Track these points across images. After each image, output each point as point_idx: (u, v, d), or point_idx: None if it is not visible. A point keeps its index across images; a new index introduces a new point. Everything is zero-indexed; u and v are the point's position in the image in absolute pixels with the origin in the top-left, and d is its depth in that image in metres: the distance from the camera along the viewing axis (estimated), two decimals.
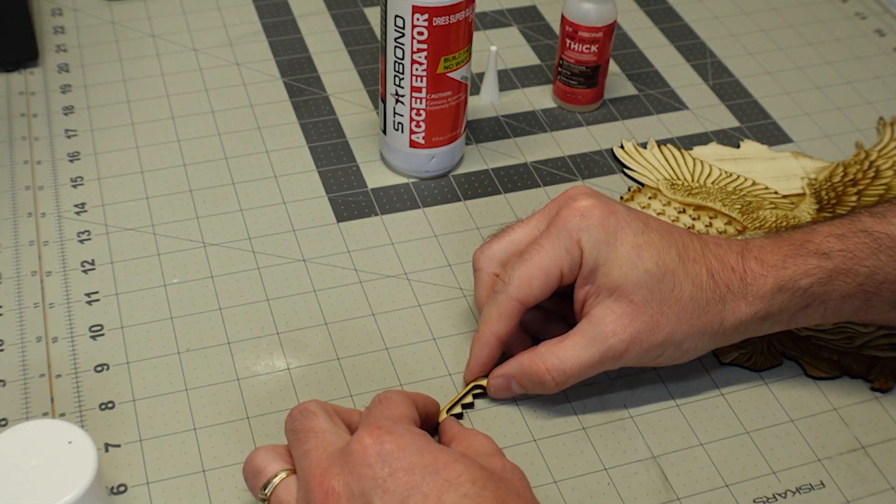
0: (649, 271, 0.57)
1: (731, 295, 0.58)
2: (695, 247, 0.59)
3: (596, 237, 0.58)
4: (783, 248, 0.59)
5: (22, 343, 0.63)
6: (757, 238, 0.61)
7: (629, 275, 0.57)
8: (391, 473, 0.47)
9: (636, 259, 0.57)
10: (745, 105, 0.84)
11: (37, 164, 0.75)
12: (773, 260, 0.59)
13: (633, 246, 0.58)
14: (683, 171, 0.77)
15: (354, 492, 0.47)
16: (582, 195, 0.59)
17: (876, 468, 0.59)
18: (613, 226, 0.58)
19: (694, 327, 0.58)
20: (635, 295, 0.57)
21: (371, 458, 0.48)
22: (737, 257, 0.59)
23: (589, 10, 0.77)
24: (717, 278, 0.58)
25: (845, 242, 0.59)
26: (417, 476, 0.47)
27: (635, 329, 0.57)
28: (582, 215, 0.58)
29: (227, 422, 0.60)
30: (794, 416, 0.61)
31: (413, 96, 0.71)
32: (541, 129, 0.81)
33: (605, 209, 0.58)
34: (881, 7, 0.96)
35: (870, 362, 0.64)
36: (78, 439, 0.50)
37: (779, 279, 0.58)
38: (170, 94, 0.82)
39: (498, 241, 0.62)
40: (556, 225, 0.59)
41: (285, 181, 0.75)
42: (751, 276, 0.58)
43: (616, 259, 0.57)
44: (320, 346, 0.64)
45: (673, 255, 0.58)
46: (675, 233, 0.59)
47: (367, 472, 0.47)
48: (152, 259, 0.69)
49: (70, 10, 0.90)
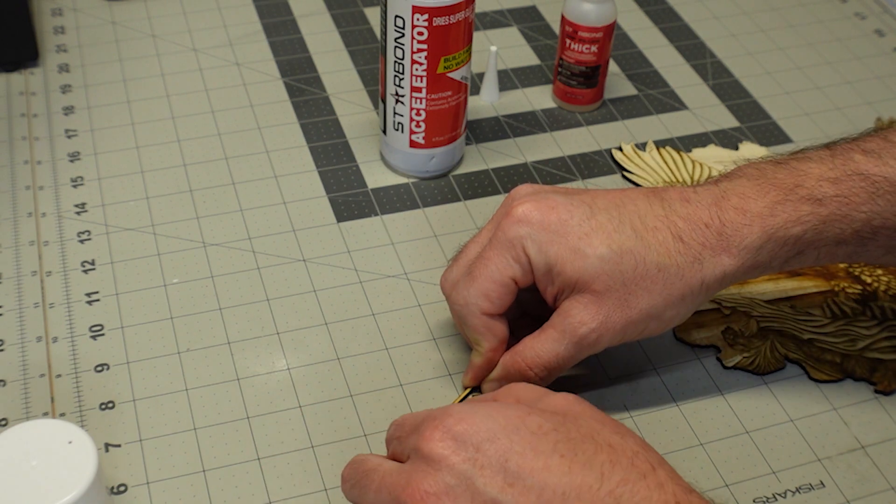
0: (603, 257, 0.55)
1: (708, 252, 0.55)
2: (655, 212, 0.56)
3: (539, 240, 0.56)
4: (770, 194, 0.56)
5: (22, 343, 0.63)
6: (736, 181, 0.57)
7: (583, 267, 0.55)
8: (477, 449, 0.46)
9: (586, 249, 0.55)
10: (745, 105, 0.85)
11: (37, 165, 0.75)
12: (757, 208, 0.56)
13: (580, 236, 0.55)
14: (682, 173, 0.77)
15: (452, 484, 0.45)
16: (520, 199, 0.57)
17: (876, 468, 0.59)
18: (555, 223, 0.56)
19: (671, 296, 0.56)
20: (596, 283, 0.55)
21: (450, 448, 0.46)
22: (710, 211, 0.56)
23: (589, 10, 0.77)
24: (686, 240, 0.56)
25: (840, 187, 0.56)
26: (503, 440, 0.46)
27: (604, 315, 0.56)
28: (520, 222, 0.56)
29: (227, 422, 0.60)
30: (794, 416, 0.61)
31: (413, 96, 0.71)
32: (541, 129, 0.81)
33: (543, 208, 0.56)
34: (881, 7, 0.97)
35: (873, 365, 0.64)
36: (78, 439, 0.50)
37: (766, 228, 0.55)
38: (170, 94, 0.82)
39: (457, 263, 0.60)
40: (497, 236, 0.57)
41: (285, 181, 0.75)
42: (731, 227, 0.55)
43: (565, 255, 0.55)
44: (320, 346, 0.64)
45: (627, 232, 0.55)
46: (628, 205, 0.57)
47: (455, 459, 0.46)
48: (152, 259, 0.69)
49: (70, 10, 0.90)
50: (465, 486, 0.45)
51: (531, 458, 0.45)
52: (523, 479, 0.45)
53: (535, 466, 0.45)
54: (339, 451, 0.58)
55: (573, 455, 0.46)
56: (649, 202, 0.57)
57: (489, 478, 0.45)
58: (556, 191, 0.58)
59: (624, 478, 0.45)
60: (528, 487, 0.45)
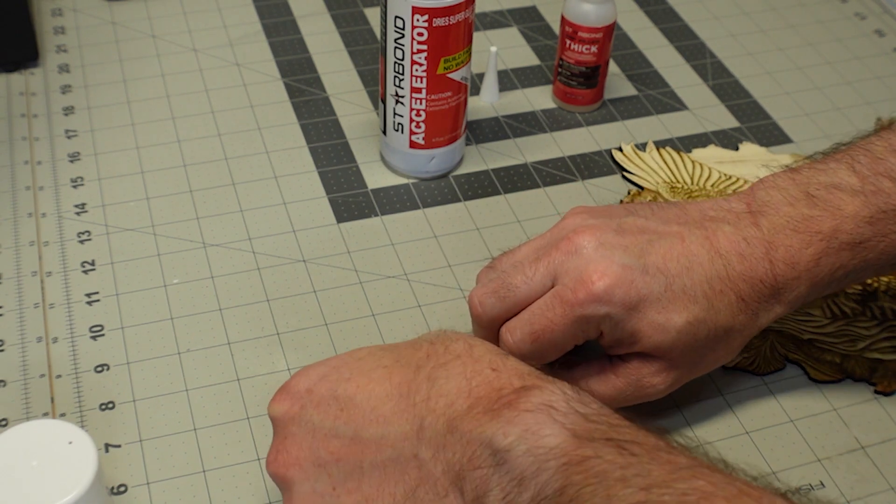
0: (681, 330, 0.54)
1: (764, 305, 0.56)
2: (719, 273, 0.55)
3: (618, 318, 0.54)
4: (813, 245, 0.55)
5: (22, 343, 0.63)
6: (778, 226, 0.56)
7: (662, 341, 0.54)
8: (310, 392, 0.50)
9: (665, 323, 0.54)
10: (745, 105, 0.85)
11: (37, 165, 0.75)
12: (804, 261, 0.55)
13: (659, 310, 0.54)
14: (683, 173, 0.77)
15: (294, 432, 0.49)
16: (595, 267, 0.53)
17: (876, 468, 0.59)
18: (635, 300, 0.53)
19: (731, 348, 0.57)
20: (672, 353, 0.55)
21: (285, 404, 0.51)
22: (764, 267, 0.55)
23: (589, 10, 0.77)
24: (747, 299, 0.55)
25: (876, 226, 0.56)
26: (333, 374, 0.50)
27: (674, 378, 0.56)
28: (600, 301, 0.53)
29: (227, 422, 0.60)
30: (794, 417, 0.61)
31: (413, 97, 0.71)
32: (541, 129, 0.81)
33: (624, 285, 0.53)
34: (881, 7, 0.97)
35: (873, 365, 0.64)
36: (78, 439, 0.50)
37: (813, 279, 0.56)
38: (170, 94, 0.82)
39: (501, 300, 0.56)
40: (572, 307, 0.54)
41: (285, 181, 0.75)
42: (783, 281, 0.55)
43: (644, 329, 0.54)
44: (320, 346, 0.64)
45: (701, 301, 0.54)
46: (696, 268, 0.55)
47: (292, 412, 0.50)
48: (152, 259, 0.69)
49: (70, 11, 0.90)
50: (306, 429, 0.49)
51: (356, 380, 0.49)
52: (352, 399, 0.49)
53: (360, 384, 0.49)
54: None
55: (394, 361, 0.50)
56: (712, 261, 0.55)
57: (323, 411, 0.49)
58: (625, 249, 0.54)
59: (439, 362, 0.48)
60: (357, 405, 0.48)
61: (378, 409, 0.48)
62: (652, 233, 0.56)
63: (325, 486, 0.48)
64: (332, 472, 0.48)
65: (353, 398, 0.49)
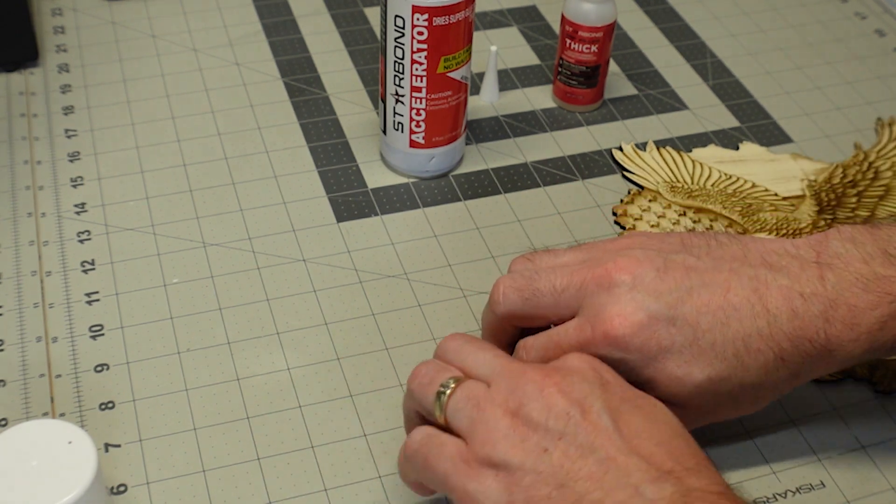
0: (700, 385, 0.52)
1: (807, 365, 0.53)
2: (760, 331, 0.51)
3: (632, 365, 0.52)
4: (881, 306, 0.51)
5: (22, 343, 0.63)
6: (845, 283, 0.52)
7: (677, 392, 0.52)
8: (607, 382, 0.48)
9: (683, 377, 0.52)
10: (745, 105, 0.84)
11: (37, 164, 0.75)
12: (866, 323, 0.51)
13: (679, 365, 0.52)
14: (683, 173, 0.77)
15: (575, 382, 0.48)
16: (619, 309, 0.52)
17: (876, 468, 0.59)
18: (654, 350, 0.52)
19: (759, 404, 0.55)
20: (689, 402, 0.53)
21: (587, 368, 0.49)
22: (817, 325, 0.51)
23: (589, 10, 0.77)
24: (788, 360, 0.52)
25: None
26: (631, 392, 0.48)
27: (688, 424, 0.51)
28: (617, 346, 0.52)
29: (227, 422, 0.60)
30: (794, 416, 0.61)
31: (413, 96, 0.71)
32: (541, 129, 0.81)
33: (644, 334, 0.51)
34: (881, 7, 0.97)
35: (873, 365, 0.64)
36: (78, 439, 0.50)
37: (873, 342, 0.52)
38: (170, 94, 0.82)
39: (523, 300, 0.55)
40: (588, 346, 0.52)
41: (285, 181, 0.75)
42: (836, 342, 0.52)
43: (660, 380, 0.52)
44: (320, 346, 0.64)
45: (729, 359, 0.52)
46: (733, 324, 0.52)
47: (589, 374, 0.48)
48: (152, 259, 0.69)
49: (70, 10, 0.90)
50: (584, 389, 0.48)
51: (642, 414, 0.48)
52: (629, 420, 0.47)
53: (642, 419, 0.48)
54: (339, 451, 0.58)
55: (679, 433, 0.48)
56: (754, 318, 0.52)
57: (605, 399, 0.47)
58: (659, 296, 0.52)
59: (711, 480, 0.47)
60: (629, 424, 0.47)
61: (642, 442, 0.46)
62: (696, 278, 0.53)
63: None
64: None
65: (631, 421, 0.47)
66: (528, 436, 0.46)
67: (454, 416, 0.49)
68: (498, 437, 0.47)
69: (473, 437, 0.47)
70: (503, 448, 0.46)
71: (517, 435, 0.46)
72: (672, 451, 0.46)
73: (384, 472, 0.58)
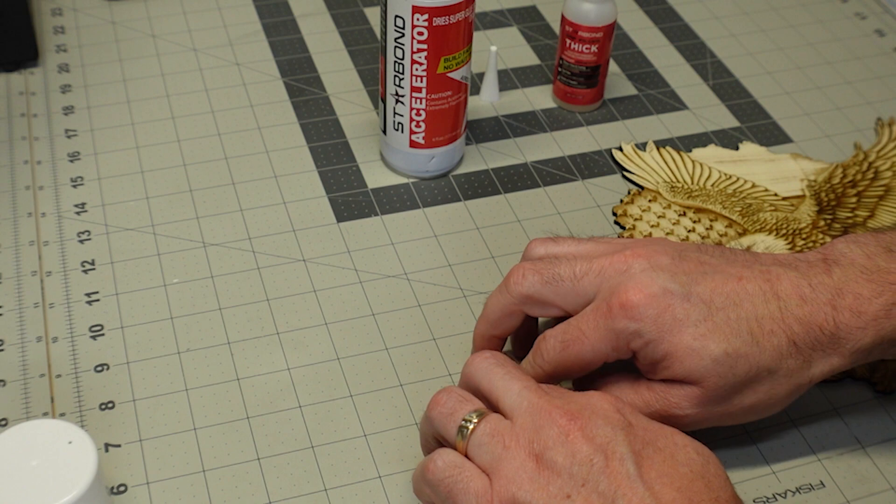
0: (718, 360, 0.53)
1: (819, 354, 0.54)
2: (772, 314, 0.53)
3: (648, 337, 0.53)
4: (885, 294, 0.53)
5: (22, 343, 0.63)
6: (849, 273, 0.54)
7: (694, 367, 0.53)
8: (630, 424, 0.49)
9: (700, 349, 0.52)
10: (745, 105, 0.85)
11: (37, 164, 0.75)
12: (873, 310, 0.53)
13: (696, 337, 0.53)
14: (683, 173, 0.77)
15: (600, 425, 0.48)
16: (636, 282, 0.53)
17: (876, 468, 0.59)
18: (669, 321, 0.53)
19: (776, 395, 0.55)
20: (705, 382, 0.53)
21: (611, 408, 0.49)
22: (826, 312, 0.53)
23: (589, 10, 0.77)
24: (800, 345, 0.53)
25: None
26: (652, 434, 0.49)
27: (704, 408, 0.54)
28: (631, 317, 0.53)
29: (227, 422, 0.60)
30: (794, 416, 0.61)
31: (413, 96, 0.71)
32: (541, 129, 0.81)
33: (659, 305, 0.53)
34: (881, 7, 0.97)
35: (873, 365, 0.64)
36: (78, 439, 0.50)
37: (880, 331, 0.53)
38: (170, 94, 0.82)
39: (542, 283, 0.56)
40: (604, 319, 0.54)
41: (285, 181, 0.75)
42: (845, 330, 0.53)
43: (676, 354, 0.53)
44: (320, 346, 0.64)
45: (744, 336, 0.53)
46: (745, 303, 0.53)
47: (614, 416, 0.49)
48: (152, 259, 0.69)
49: (70, 10, 0.90)
50: (607, 435, 0.48)
51: (664, 457, 0.48)
52: (652, 462, 0.48)
53: (664, 463, 0.48)
54: (339, 451, 0.58)
55: (701, 475, 0.49)
56: (766, 301, 0.54)
57: (629, 441, 0.48)
58: (673, 275, 0.54)
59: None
60: (652, 466, 0.48)
61: (664, 488, 0.47)
62: (710, 268, 0.55)
63: None
64: None
65: (654, 464, 0.48)
66: (552, 480, 0.47)
67: (477, 450, 0.49)
68: (523, 480, 0.47)
69: (498, 476, 0.48)
70: (528, 490, 0.47)
71: (542, 478, 0.47)
72: (692, 498, 0.47)
73: (384, 473, 0.58)
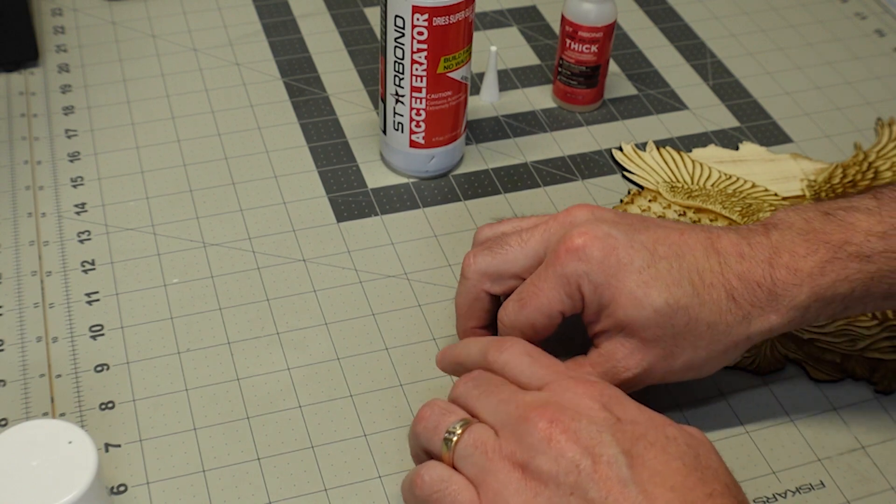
0: (658, 309, 0.54)
1: (757, 311, 0.55)
2: (712, 267, 0.55)
3: (595, 280, 0.54)
4: (819, 251, 0.55)
5: (22, 343, 0.63)
6: (787, 235, 0.56)
7: (635, 315, 0.54)
8: (619, 420, 0.47)
9: (642, 297, 0.54)
10: (745, 105, 0.85)
11: (37, 164, 0.75)
12: (807, 267, 0.55)
13: (638, 284, 0.54)
14: (683, 173, 0.77)
15: (585, 425, 0.47)
16: (580, 228, 0.55)
17: (876, 468, 0.59)
18: (614, 265, 0.54)
19: (715, 351, 0.56)
20: (645, 332, 0.55)
21: (598, 406, 0.48)
22: (763, 269, 0.55)
23: (589, 10, 0.77)
24: (738, 300, 0.55)
25: (888, 241, 0.55)
26: (642, 427, 0.47)
27: (648, 363, 0.55)
28: (579, 258, 0.54)
29: (227, 422, 0.60)
30: (794, 416, 0.61)
31: (413, 96, 0.71)
32: (541, 129, 0.81)
33: (604, 246, 0.55)
34: (881, 7, 0.97)
35: (873, 365, 0.64)
36: (78, 439, 0.50)
37: (816, 288, 0.55)
38: (170, 94, 0.82)
39: (493, 255, 0.58)
40: (553, 266, 0.55)
41: (285, 181, 0.75)
42: (782, 287, 0.55)
43: (619, 300, 0.54)
44: (320, 346, 0.64)
45: (685, 287, 0.54)
46: (687, 256, 0.55)
47: (600, 415, 0.47)
48: (152, 259, 0.69)
49: (70, 10, 0.90)
50: (593, 435, 0.47)
51: (657, 451, 0.46)
52: (644, 459, 0.46)
53: (657, 458, 0.46)
54: (339, 451, 0.58)
55: (694, 468, 0.46)
56: (707, 255, 0.55)
57: (618, 440, 0.46)
58: (615, 224, 0.56)
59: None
60: (645, 466, 0.46)
61: (657, 487, 0.45)
62: (651, 223, 0.57)
63: None
64: None
65: (646, 460, 0.46)
66: (540, 490, 0.46)
67: (463, 462, 0.49)
68: (510, 493, 0.47)
69: (485, 489, 0.47)
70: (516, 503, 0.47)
71: (529, 490, 0.46)
72: (686, 496, 0.45)
73: (384, 473, 0.58)
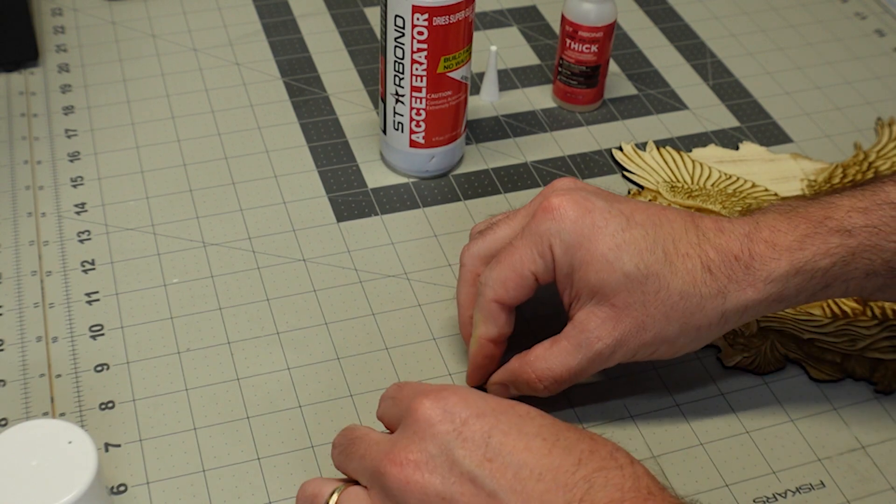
0: (629, 274, 0.54)
1: (733, 285, 0.55)
2: (689, 239, 0.55)
3: (567, 241, 0.55)
4: (800, 227, 0.55)
5: (22, 343, 0.63)
6: (769, 214, 0.57)
7: (607, 279, 0.54)
8: (464, 423, 0.47)
9: (613, 261, 0.54)
10: (745, 105, 0.85)
11: (37, 164, 0.75)
12: (787, 241, 0.55)
13: (611, 247, 0.54)
14: (683, 173, 0.77)
15: (433, 453, 0.46)
16: (559, 191, 0.56)
17: (876, 468, 0.59)
18: (588, 227, 0.55)
19: (687, 325, 0.55)
20: (616, 298, 0.55)
21: (437, 417, 0.47)
22: (741, 243, 0.55)
23: (589, 10, 0.77)
24: (714, 272, 0.55)
25: (869, 216, 0.55)
26: (490, 417, 0.47)
27: (620, 333, 0.55)
28: (553, 218, 0.55)
29: (227, 422, 0.60)
30: (794, 416, 0.61)
31: (413, 96, 0.71)
32: (541, 128, 0.81)
33: (580, 208, 0.55)
34: (881, 7, 0.97)
35: (873, 365, 0.64)
36: (78, 439, 0.50)
37: (795, 261, 0.55)
38: (170, 94, 0.82)
39: (483, 238, 0.60)
40: (529, 226, 0.56)
41: (285, 181, 0.75)
42: (759, 261, 0.55)
43: (591, 262, 0.54)
44: (320, 346, 0.64)
45: (658, 254, 0.55)
46: (664, 225, 0.56)
47: (440, 428, 0.47)
48: (152, 259, 0.69)
49: (70, 10, 0.90)
50: (445, 457, 0.46)
51: (514, 437, 0.46)
52: (503, 456, 0.46)
53: (516, 445, 0.46)
54: None
55: (555, 440, 0.47)
56: (685, 227, 0.56)
57: (470, 451, 0.46)
58: (596, 193, 0.57)
59: (601, 465, 0.46)
60: (506, 465, 0.46)
61: (526, 483, 0.45)
62: (634, 200, 0.58)
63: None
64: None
65: (505, 456, 0.46)
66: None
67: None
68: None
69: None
70: None
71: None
72: (557, 477, 0.45)
73: None
